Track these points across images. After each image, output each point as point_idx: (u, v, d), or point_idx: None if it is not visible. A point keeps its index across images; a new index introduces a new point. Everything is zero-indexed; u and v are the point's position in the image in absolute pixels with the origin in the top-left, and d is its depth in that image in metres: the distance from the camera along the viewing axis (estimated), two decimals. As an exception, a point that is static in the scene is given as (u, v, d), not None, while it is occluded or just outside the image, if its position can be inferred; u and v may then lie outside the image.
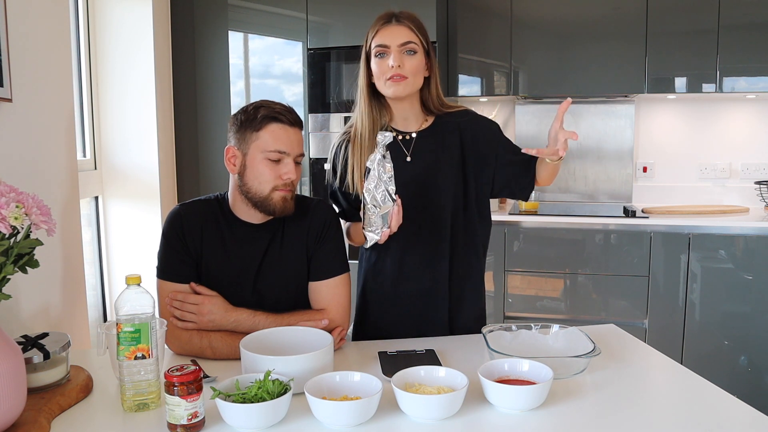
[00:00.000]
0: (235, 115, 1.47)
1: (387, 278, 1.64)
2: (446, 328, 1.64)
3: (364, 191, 1.38)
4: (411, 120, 1.62)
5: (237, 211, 1.50)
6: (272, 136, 1.41)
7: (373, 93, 1.59)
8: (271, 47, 3.20)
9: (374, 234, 1.40)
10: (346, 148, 1.62)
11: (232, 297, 1.47)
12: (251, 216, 1.49)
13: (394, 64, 1.50)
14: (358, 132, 1.59)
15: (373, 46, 1.54)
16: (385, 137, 1.35)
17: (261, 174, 1.42)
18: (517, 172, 1.62)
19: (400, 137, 1.61)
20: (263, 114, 1.42)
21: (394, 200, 1.37)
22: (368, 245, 1.44)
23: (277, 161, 1.42)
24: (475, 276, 1.68)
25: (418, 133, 1.62)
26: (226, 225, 1.50)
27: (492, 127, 1.66)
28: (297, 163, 1.45)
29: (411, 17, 1.55)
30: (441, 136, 1.62)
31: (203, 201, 1.54)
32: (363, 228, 1.41)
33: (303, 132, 1.48)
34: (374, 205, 1.37)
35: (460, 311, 1.66)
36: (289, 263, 1.51)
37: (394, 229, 1.40)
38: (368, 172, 1.37)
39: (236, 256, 1.49)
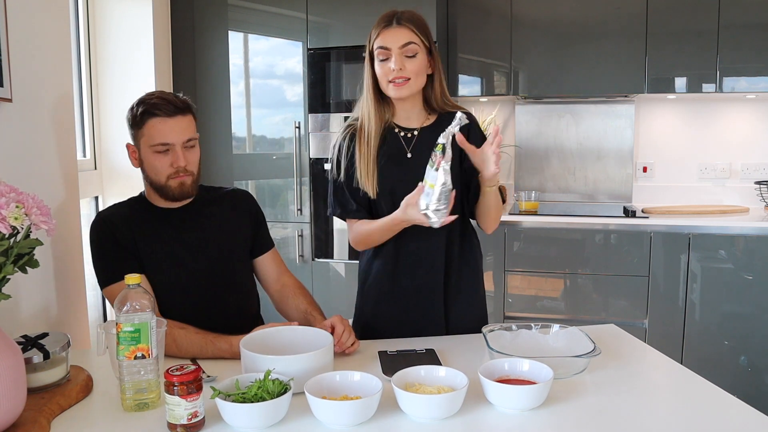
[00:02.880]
0: (127, 113, 1.56)
1: (384, 276, 1.64)
2: (442, 324, 1.64)
3: (440, 169, 1.36)
4: (413, 118, 1.63)
5: (154, 200, 1.60)
6: (153, 130, 1.50)
7: (378, 92, 1.60)
8: (271, 47, 3.20)
9: (438, 217, 1.38)
10: (351, 140, 1.61)
11: (179, 277, 1.55)
12: (168, 202, 1.59)
13: (396, 67, 1.51)
14: (364, 128, 1.59)
15: (375, 48, 1.55)
16: (461, 119, 1.37)
17: (154, 166, 1.53)
18: (473, 189, 1.62)
19: (402, 133, 1.62)
20: (141, 110, 1.51)
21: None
22: (435, 223, 1.41)
23: (165, 152, 1.51)
24: (473, 272, 1.69)
25: (420, 129, 1.62)
26: (151, 215, 1.59)
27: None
28: (189, 147, 1.54)
29: (413, 18, 1.55)
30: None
31: (120, 204, 1.64)
32: (426, 209, 1.39)
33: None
34: (445, 184, 1.37)
35: (457, 308, 1.66)
36: (227, 238, 1.64)
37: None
38: (444, 149, 1.36)
39: (171, 237, 1.57)
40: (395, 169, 1.59)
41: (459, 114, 1.39)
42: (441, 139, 1.38)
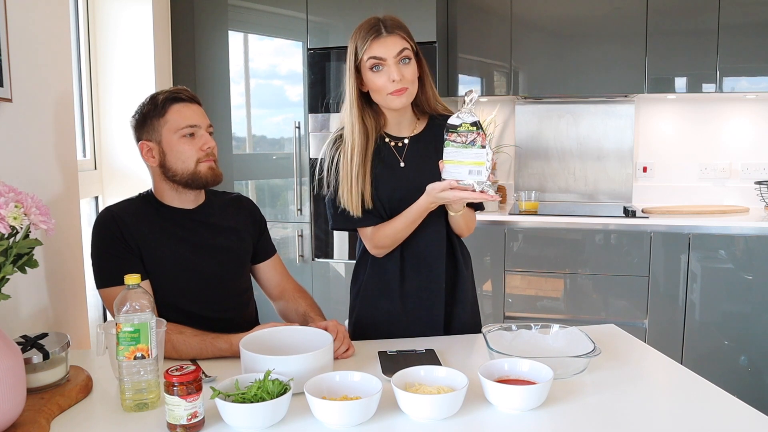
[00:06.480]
0: (134, 114, 1.55)
1: (386, 280, 1.63)
2: (441, 328, 1.63)
3: (486, 145, 1.38)
4: (404, 125, 1.61)
5: (167, 200, 1.58)
6: (179, 115, 1.51)
7: (366, 104, 1.56)
8: (271, 47, 3.20)
9: (493, 191, 1.40)
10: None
11: (184, 279, 1.54)
12: (183, 201, 1.58)
13: (397, 78, 1.47)
14: (355, 143, 1.54)
15: (365, 59, 1.49)
16: (473, 98, 1.40)
17: (182, 152, 1.51)
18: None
19: (392, 143, 1.60)
20: (163, 98, 1.52)
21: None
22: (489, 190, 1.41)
23: (192, 135, 1.52)
24: (468, 276, 1.69)
25: (411, 138, 1.60)
26: (161, 215, 1.56)
27: None
28: (210, 134, 1.56)
29: (399, 24, 1.51)
30: (433, 141, 1.58)
31: (130, 200, 1.60)
32: (481, 185, 1.39)
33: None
34: (489, 159, 1.40)
35: (456, 311, 1.65)
36: (233, 243, 1.63)
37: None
38: (480, 126, 1.39)
39: (180, 239, 1.55)
40: (390, 178, 1.57)
41: (472, 93, 1.40)
42: (468, 118, 1.39)
